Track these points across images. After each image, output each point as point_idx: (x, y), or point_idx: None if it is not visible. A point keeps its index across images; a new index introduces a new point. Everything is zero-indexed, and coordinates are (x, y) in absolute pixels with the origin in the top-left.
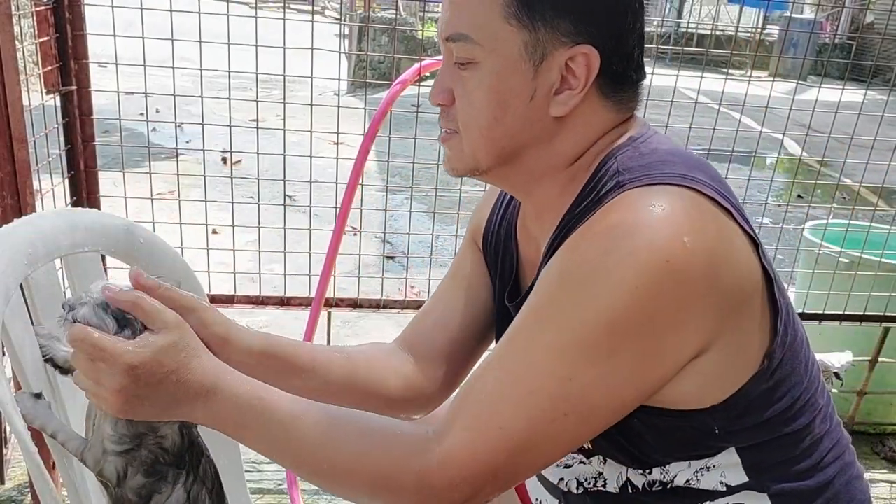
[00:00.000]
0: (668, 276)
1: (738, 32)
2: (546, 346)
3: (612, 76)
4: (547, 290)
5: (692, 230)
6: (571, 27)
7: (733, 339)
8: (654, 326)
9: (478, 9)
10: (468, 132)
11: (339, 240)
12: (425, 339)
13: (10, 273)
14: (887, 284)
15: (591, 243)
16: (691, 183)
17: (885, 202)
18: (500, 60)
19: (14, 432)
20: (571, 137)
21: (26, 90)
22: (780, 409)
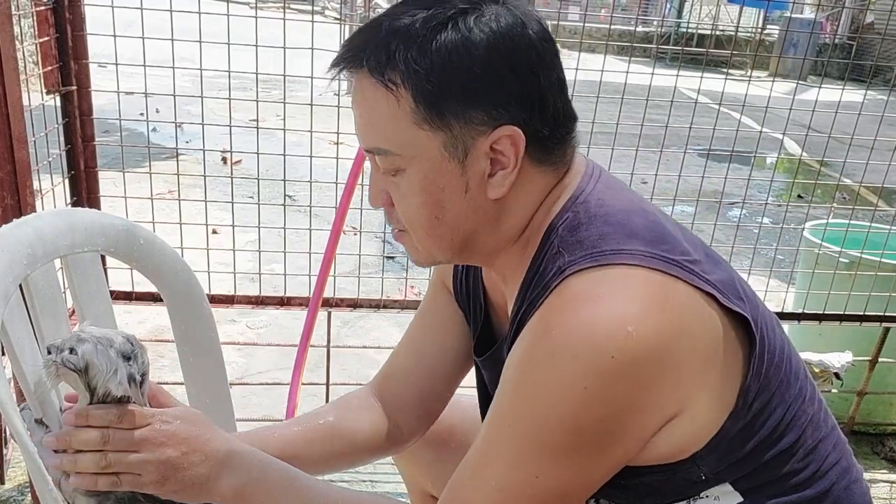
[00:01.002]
0: (615, 370)
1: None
2: (510, 447)
3: (540, 142)
4: (506, 393)
5: (636, 316)
6: (484, 116)
7: (703, 395)
8: (611, 418)
9: (387, 121)
10: (414, 233)
11: (337, 240)
12: (396, 386)
13: (10, 273)
14: (887, 284)
15: (538, 345)
16: (629, 258)
17: (885, 202)
18: (424, 165)
19: (13, 433)
20: (516, 212)
21: (26, 90)
22: (764, 436)
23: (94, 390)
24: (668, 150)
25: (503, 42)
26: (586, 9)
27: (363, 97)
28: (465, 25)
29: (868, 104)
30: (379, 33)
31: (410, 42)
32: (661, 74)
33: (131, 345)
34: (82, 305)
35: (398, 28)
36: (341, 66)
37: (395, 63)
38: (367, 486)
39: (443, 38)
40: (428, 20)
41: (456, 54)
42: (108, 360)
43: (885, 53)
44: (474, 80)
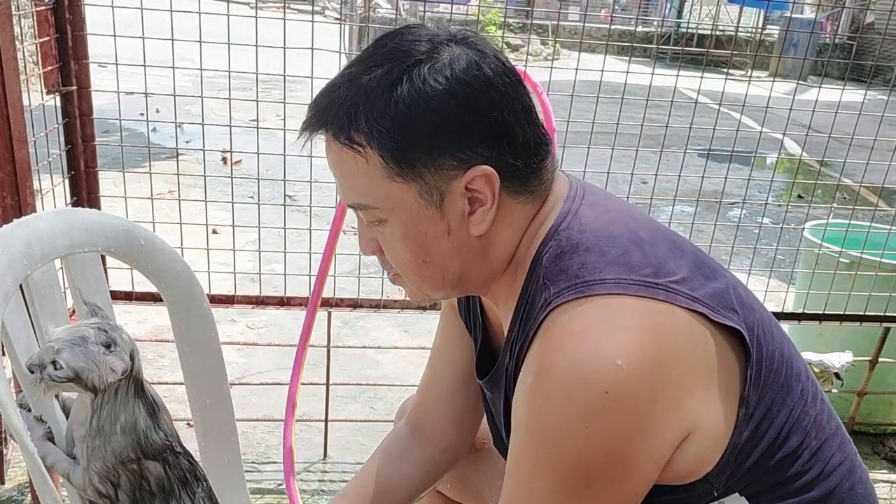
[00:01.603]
0: (611, 405)
1: (738, 32)
2: (537, 498)
3: (515, 174)
4: (519, 445)
5: (623, 348)
6: (453, 161)
7: (708, 410)
8: (617, 451)
9: (360, 178)
10: (406, 276)
11: (336, 239)
12: (430, 415)
13: (10, 274)
14: (887, 284)
15: (534, 390)
16: (612, 287)
17: (885, 202)
18: (403, 214)
19: (13, 432)
20: (501, 244)
21: (26, 90)
22: (768, 443)
23: (94, 387)
24: (668, 150)
25: (459, 87)
26: (586, 9)
27: (333, 158)
28: (419, 77)
29: (868, 104)
30: (339, 95)
31: (369, 101)
32: (661, 74)
33: (105, 332)
34: (82, 305)
35: (357, 88)
36: (308, 131)
37: (358, 125)
38: None
39: (399, 94)
40: (383, 76)
41: (414, 107)
42: (91, 357)
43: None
44: (436, 129)
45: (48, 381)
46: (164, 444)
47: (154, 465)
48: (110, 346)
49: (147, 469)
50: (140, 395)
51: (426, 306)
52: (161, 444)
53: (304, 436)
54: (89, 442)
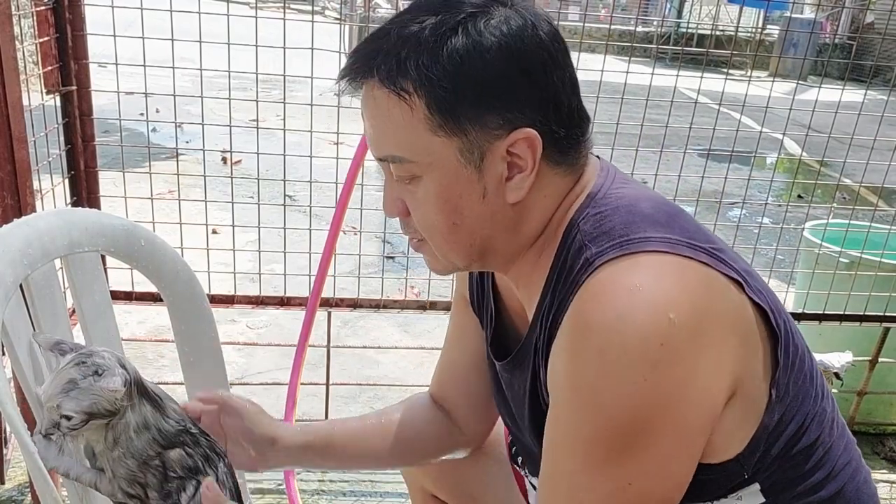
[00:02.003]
0: (668, 357)
1: (738, 32)
2: (591, 465)
3: (557, 143)
4: (565, 404)
5: (673, 302)
6: (500, 120)
7: (748, 381)
8: (678, 403)
9: (401, 129)
10: (432, 241)
11: (336, 238)
12: (452, 394)
13: (10, 274)
14: (887, 284)
15: (583, 344)
16: (658, 245)
17: (885, 202)
18: (440, 171)
19: (14, 432)
20: (535, 216)
21: (26, 90)
22: (793, 432)
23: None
24: (668, 150)
25: (514, 44)
26: (586, 9)
27: (375, 106)
28: (475, 29)
29: (868, 104)
30: (388, 41)
31: (421, 49)
32: (661, 74)
33: (84, 364)
34: (82, 305)
35: (407, 36)
36: (351, 77)
37: (407, 71)
38: (367, 486)
39: (453, 44)
40: (437, 26)
41: (468, 59)
42: (91, 394)
43: (885, 53)
44: (488, 85)
45: (69, 432)
46: (178, 429)
47: (174, 451)
48: (98, 372)
49: (169, 458)
50: (143, 394)
51: (426, 306)
52: (175, 431)
53: None
54: (108, 455)
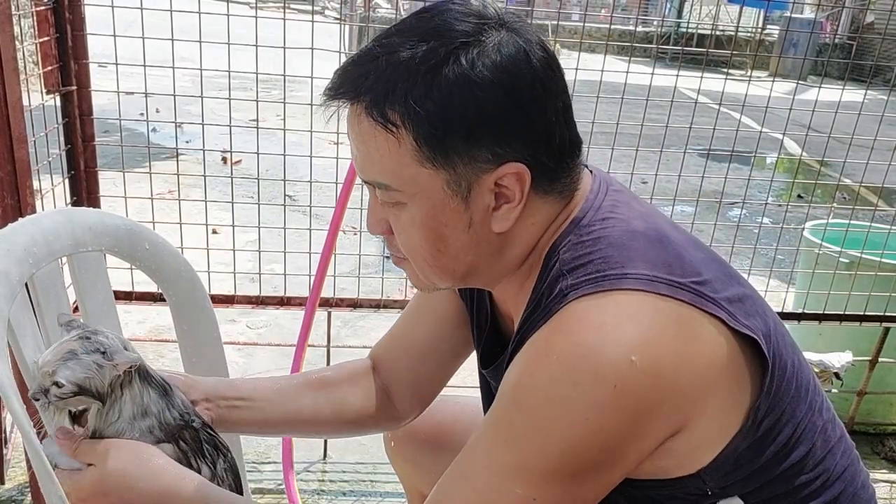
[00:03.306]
0: (617, 401)
1: (738, 32)
2: (507, 467)
3: (546, 174)
4: (504, 412)
5: (639, 345)
6: (488, 154)
7: (705, 419)
8: (610, 447)
9: (387, 158)
10: (416, 263)
11: (335, 239)
12: (390, 363)
13: (16, 272)
14: (887, 284)
15: (539, 367)
16: (634, 283)
17: (885, 202)
18: (426, 201)
19: (20, 430)
20: (520, 242)
21: (26, 90)
22: (775, 451)
23: (100, 394)
24: (668, 150)
25: (506, 79)
26: (586, 9)
27: (360, 132)
28: (467, 61)
29: (868, 104)
30: (377, 67)
31: (410, 80)
32: (661, 74)
33: (88, 339)
34: (86, 304)
35: (397, 63)
36: (336, 98)
37: (395, 103)
38: (367, 486)
39: (444, 76)
40: (427, 55)
41: (458, 94)
42: (87, 368)
43: (885, 53)
44: (478, 120)
45: (56, 402)
46: (179, 424)
47: (167, 446)
48: (101, 351)
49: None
50: (147, 381)
51: None
52: (176, 424)
53: None
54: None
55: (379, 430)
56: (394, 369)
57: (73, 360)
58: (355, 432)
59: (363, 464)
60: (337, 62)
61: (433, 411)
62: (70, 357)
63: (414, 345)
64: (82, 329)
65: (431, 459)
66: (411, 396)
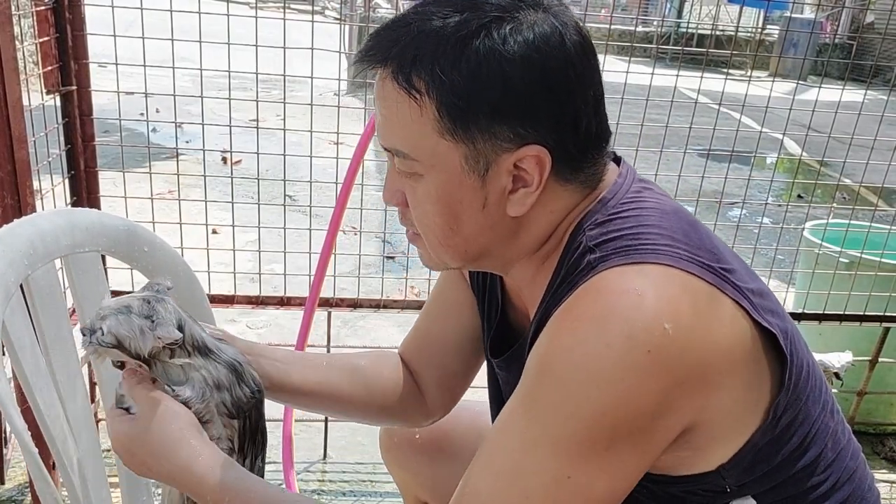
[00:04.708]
0: (652, 367)
1: (738, 32)
2: (537, 443)
3: (568, 161)
4: (531, 384)
5: (671, 314)
6: (511, 133)
7: (723, 408)
8: (644, 417)
9: (410, 125)
10: (428, 239)
11: (334, 238)
12: (419, 355)
13: (11, 273)
14: (887, 284)
15: (569, 332)
16: (664, 258)
17: (885, 202)
18: (442, 175)
19: (14, 432)
20: (535, 228)
21: (26, 90)
22: (791, 450)
23: (137, 355)
24: (668, 150)
25: (538, 58)
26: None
27: (385, 96)
28: (499, 35)
29: (868, 104)
30: (407, 33)
31: (439, 49)
32: (661, 74)
33: (148, 303)
34: (83, 305)
35: (428, 31)
36: (366, 62)
37: (421, 70)
38: (367, 486)
39: (473, 49)
40: (460, 26)
41: (486, 68)
42: (131, 327)
43: (885, 53)
44: (504, 97)
45: (96, 346)
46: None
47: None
48: (151, 317)
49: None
50: (211, 357)
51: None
52: (248, 402)
53: (304, 436)
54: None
55: (407, 423)
56: (422, 365)
57: (123, 315)
58: (385, 420)
59: (363, 464)
60: (337, 62)
61: None
62: (123, 311)
63: (437, 341)
64: (156, 292)
65: (428, 465)
66: (440, 391)
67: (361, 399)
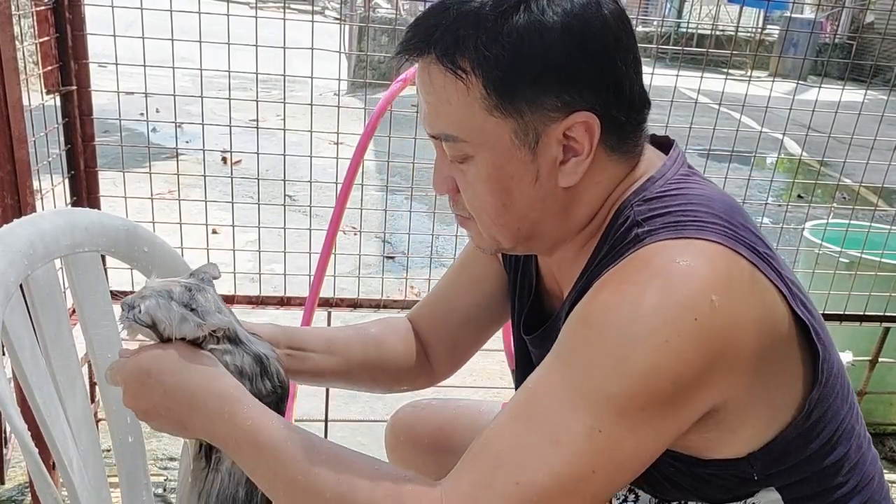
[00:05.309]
0: (697, 333)
1: (738, 32)
2: (572, 394)
3: (615, 129)
4: (572, 338)
5: (719, 288)
6: (558, 102)
7: (752, 390)
8: (682, 384)
9: (456, 108)
10: (480, 220)
11: (334, 237)
12: (430, 324)
13: (11, 273)
14: (887, 284)
15: (616, 291)
16: (712, 235)
17: (885, 202)
18: (493, 152)
19: (14, 432)
20: (586, 202)
21: (26, 90)
22: (819, 445)
23: (168, 339)
24: None
25: (577, 25)
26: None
27: (431, 83)
28: (538, 7)
29: (868, 104)
30: (447, 17)
31: (480, 27)
32: (661, 74)
33: (189, 291)
34: (82, 305)
35: (467, 12)
36: (408, 52)
37: (465, 49)
38: None
39: (514, 23)
40: (498, 3)
41: (528, 39)
42: (169, 312)
43: (885, 53)
44: (547, 66)
45: (131, 321)
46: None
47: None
48: (190, 305)
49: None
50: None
51: None
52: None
53: None
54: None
55: (413, 387)
56: (433, 332)
57: (164, 299)
58: (393, 385)
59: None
60: (337, 62)
61: (433, 416)
62: (165, 295)
63: (454, 310)
64: (200, 280)
65: (433, 463)
66: (448, 358)
67: (373, 370)
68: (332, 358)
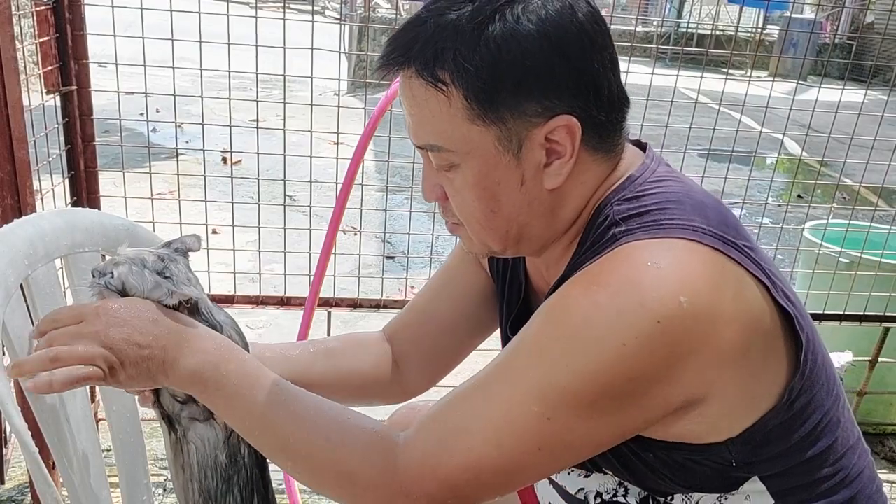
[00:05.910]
0: (657, 337)
1: (738, 32)
2: (530, 382)
3: (596, 129)
4: (538, 330)
5: (690, 289)
6: (538, 107)
7: (738, 383)
8: (639, 383)
9: (439, 119)
10: (470, 226)
11: (334, 237)
12: (407, 336)
13: (11, 273)
14: (887, 284)
15: (583, 292)
16: (689, 232)
17: (885, 202)
18: (478, 160)
19: (14, 431)
20: (571, 202)
21: (26, 90)
22: (802, 436)
23: None
24: (668, 150)
25: (553, 30)
26: None
27: (413, 96)
28: (513, 16)
29: (868, 104)
30: (425, 30)
31: (458, 39)
32: (661, 74)
33: (162, 261)
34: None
35: (444, 24)
36: (389, 67)
37: (444, 62)
38: None
39: (491, 33)
40: (474, 14)
41: (506, 48)
42: (142, 279)
43: (885, 53)
44: (526, 73)
45: (102, 288)
46: None
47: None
48: (164, 273)
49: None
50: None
51: None
52: None
53: None
54: None
55: (386, 401)
56: (410, 341)
57: (137, 266)
58: (363, 401)
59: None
60: (337, 62)
61: None
62: (138, 263)
63: (435, 318)
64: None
65: None
66: (424, 370)
67: (339, 386)
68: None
